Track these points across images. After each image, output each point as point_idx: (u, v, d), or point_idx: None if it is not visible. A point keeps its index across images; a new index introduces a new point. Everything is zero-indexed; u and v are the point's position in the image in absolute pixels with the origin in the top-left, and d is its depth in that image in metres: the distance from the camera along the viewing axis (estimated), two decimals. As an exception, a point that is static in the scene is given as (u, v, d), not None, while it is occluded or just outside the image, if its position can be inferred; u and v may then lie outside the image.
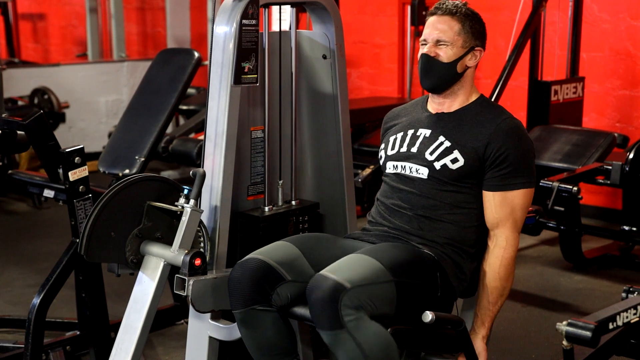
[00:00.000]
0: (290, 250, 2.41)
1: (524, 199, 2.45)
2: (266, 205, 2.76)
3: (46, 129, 3.01)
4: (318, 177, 2.96)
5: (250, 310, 2.34)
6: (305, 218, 2.81)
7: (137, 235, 2.51)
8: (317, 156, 2.94)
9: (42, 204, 5.56)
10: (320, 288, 2.19)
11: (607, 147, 4.43)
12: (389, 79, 6.35)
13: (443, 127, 2.50)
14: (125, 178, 2.55)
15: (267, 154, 2.78)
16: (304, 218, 2.81)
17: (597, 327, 2.19)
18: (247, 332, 2.39)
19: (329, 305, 2.16)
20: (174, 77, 3.86)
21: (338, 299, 2.16)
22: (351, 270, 2.23)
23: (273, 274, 2.33)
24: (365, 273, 2.23)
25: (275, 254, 2.38)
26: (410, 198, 2.48)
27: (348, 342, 2.16)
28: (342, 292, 2.16)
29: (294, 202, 2.83)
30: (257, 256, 2.37)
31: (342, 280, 2.18)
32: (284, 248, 2.42)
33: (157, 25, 8.11)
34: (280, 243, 2.45)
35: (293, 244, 2.44)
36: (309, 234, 2.59)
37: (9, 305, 3.89)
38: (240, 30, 2.55)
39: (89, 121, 6.81)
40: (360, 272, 2.23)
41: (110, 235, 2.48)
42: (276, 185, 2.81)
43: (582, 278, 4.24)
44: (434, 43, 2.47)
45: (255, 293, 2.33)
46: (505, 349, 3.39)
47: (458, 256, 2.45)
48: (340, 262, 2.29)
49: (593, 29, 5.21)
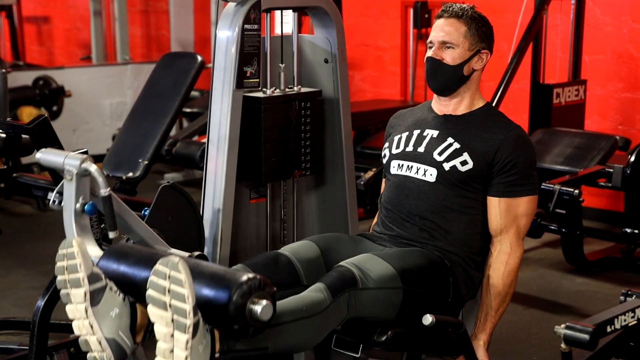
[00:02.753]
0: (313, 250, 2.43)
1: (528, 206, 2.46)
2: (268, 88, 2.76)
3: (50, 132, 3.04)
4: (320, 180, 2.98)
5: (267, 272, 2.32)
6: (308, 104, 2.81)
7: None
8: (320, 159, 2.96)
9: (46, 206, 5.58)
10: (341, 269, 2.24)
11: (609, 149, 4.43)
12: (391, 81, 6.36)
13: (451, 129, 2.51)
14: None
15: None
16: (306, 104, 2.80)
17: (595, 330, 2.20)
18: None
19: (342, 282, 2.20)
20: (177, 81, 3.88)
21: (348, 288, 2.20)
22: (367, 271, 2.26)
23: (295, 276, 2.36)
24: (377, 276, 2.26)
25: (301, 254, 2.40)
26: (418, 205, 2.48)
27: (322, 302, 2.16)
28: (353, 286, 2.21)
29: (297, 88, 2.83)
30: (288, 254, 2.39)
31: (358, 277, 2.23)
32: (308, 248, 2.44)
33: (161, 28, 8.13)
34: (305, 242, 2.47)
35: (316, 244, 2.46)
36: (329, 234, 2.60)
37: (14, 307, 3.91)
38: (242, 34, 2.58)
39: (93, 124, 6.83)
40: (373, 274, 2.26)
41: (168, 218, 2.49)
42: (278, 70, 2.80)
43: (584, 280, 4.25)
44: (440, 45, 2.49)
45: (275, 278, 2.31)
46: (507, 351, 3.40)
47: (467, 264, 2.47)
48: (360, 259, 2.31)
49: (595, 32, 5.22)
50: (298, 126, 2.78)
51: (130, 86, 6.99)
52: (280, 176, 2.78)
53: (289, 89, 2.80)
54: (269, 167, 2.70)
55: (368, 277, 2.25)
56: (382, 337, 2.25)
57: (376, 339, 2.26)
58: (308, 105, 2.80)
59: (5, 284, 4.24)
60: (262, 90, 2.72)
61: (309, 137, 2.82)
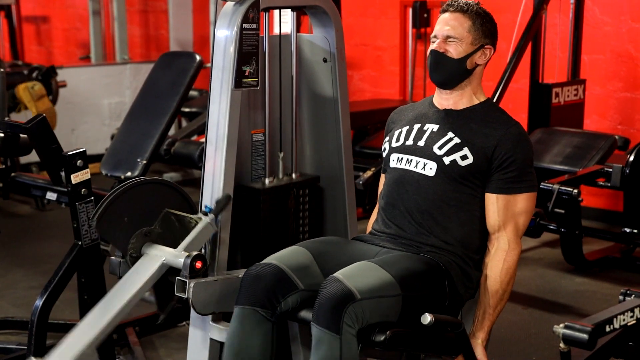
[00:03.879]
0: (304, 256, 2.43)
1: (527, 203, 2.45)
2: (267, 177, 2.78)
3: (48, 132, 3.03)
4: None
5: (253, 310, 2.36)
6: (306, 192, 2.82)
7: (145, 234, 2.54)
8: (318, 159, 2.95)
9: (44, 206, 5.58)
10: (332, 289, 2.22)
11: (608, 149, 4.43)
12: (390, 81, 6.36)
13: (452, 124, 2.51)
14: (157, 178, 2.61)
15: (267, 156, 2.80)
16: (305, 191, 2.82)
17: (594, 329, 2.20)
18: (237, 329, 2.37)
19: (335, 308, 2.19)
20: (176, 80, 3.88)
21: (345, 306, 2.18)
22: (363, 280, 2.24)
23: (287, 282, 2.36)
24: (376, 285, 2.25)
25: (291, 261, 2.40)
26: (417, 200, 2.48)
27: (333, 348, 2.18)
28: (350, 301, 2.19)
29: (295, 175, 2.85)
30: (274, 262, 2.39)
31: (353, 289, 2.21)
32: (298, 254, 2.43)
33: (160, 28, 8.13)
34: (294, 248, 2.47)
35: (306, 249, 2.45)
36: (321, 239, 2.60)
37: (12, 307, 3.91)
38: (240, 34, 2.57)
39: (91, 123, 6.82)
40: (370, 284, 2.25)
41: (123, 219, 2.52)
42: (277, 159, 2.83)
43: (583, 280, 4.25)
44: (444, 39, 2.48)
45: (265, 297, 2.35)
46: (506, 351, 3.40)
47: (464, 263, 2.46)
48: (353, 269, 2.30)
49: (594, 31, 5.22)
50: (297, 213, 2.81)
51: (129, 86, 6.99)
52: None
53: (287, 177, 2.82)
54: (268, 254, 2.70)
55: (365, 287, 2.23)
56: (381, 336, 2.24)
57: (375, 338, 2.25)
58: (306, 192, 2.83)
59: (3, 284, 4.23)
60: (261, 180, 2.77)
61: (307, 223, 2.84)
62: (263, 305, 2.35)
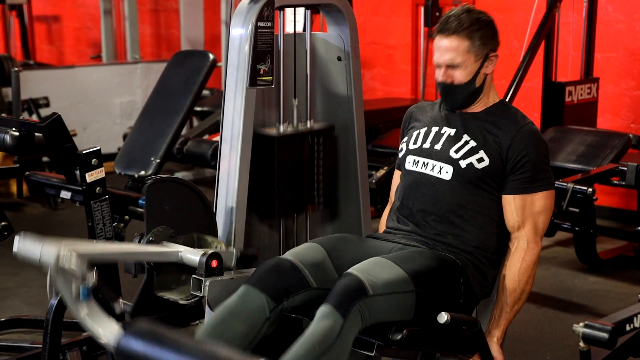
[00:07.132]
0: (318, 252, 2.41)
1: (545, 201, 2.44)
2: (281, 124, 2.77)
3: (64, 130, 3.04)
4: (332, 178, 2.97)
5: (259, 294, 2.29)
6: (321, 140, 2.81)
7: (171, 235, 2.50)
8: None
9: (58, 205, 5.59)
10: (347, 280, 2.20)
11: (622, 148, 4.41)
12: (402, 80, 6.35)
13: (467, 127, 2.50)
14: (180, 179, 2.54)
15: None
16: (319, 140, 2.81)
17: (614, 328, 2.18)
18: (233, 305, 2.29)
19: (348, 295, 2.17)
20: (189, 79, 3.87)
21: (357, 298, 2.17)
22: (376, 276, 2.23)
23: (301, 279, 2.33)
24: (388, 281, 2.24)
25: (306, 258, 2.38)
26: (434, 203, 2.47)
27: (335, 325, 2.13)
28: (362, 295, 2.18)
29: (310, 123, 2.83)
30: (291, 258, 2.37)
31: (367, 284, 2.19)
32: (312, 250, 2.42)
33: (171, 27, 8.14)
34: (309, 245, 2.46)
35: (320, 246, 2.44)
36: (335, 235, 2.58)
37: (26, 306, 3.92)
38: (255, 32, 2.57)
39: (103, 122, 6.84)
40: (383, 279, 2.23)
41: (165, 208, 2.47)
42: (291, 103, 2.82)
43: (597, 279, 4.23)
44: (447, 68, 2.44)
45: (275, 289, 2.31)
46: (520, 350, 3.39)
47: (480, 263, 2.45)
48: (366, 264, 2.28)
49: (607, 30, 5.19)
50: (311, 162, 2.80)
51: (140, 85, 7.00)
52: (293, 211, 2.81)
53: (302, 125, 2.81)
54: (282, 203, 2.69)
55: (378, 282, 2.22)
56: (398, 335, 2.24)
57: (391, 337, 2.24)
58: (321, 140, 2.81)
59: (16, 283, 4.24)
60: (275, 126, 2.74)
61: (322, 172, 2.83)
62: (270, 295, 2.30)
